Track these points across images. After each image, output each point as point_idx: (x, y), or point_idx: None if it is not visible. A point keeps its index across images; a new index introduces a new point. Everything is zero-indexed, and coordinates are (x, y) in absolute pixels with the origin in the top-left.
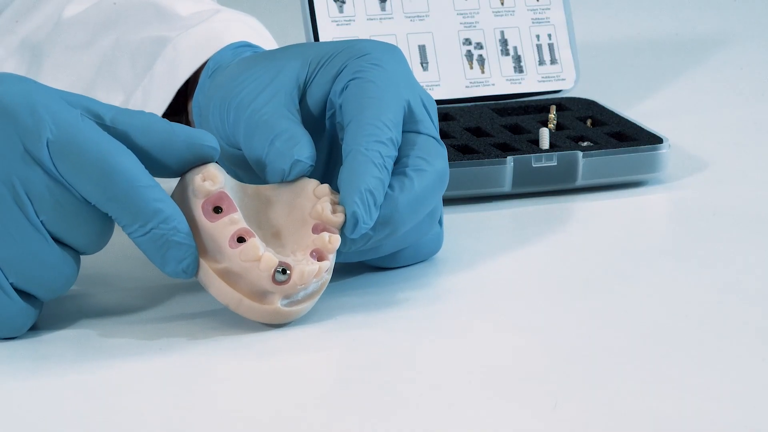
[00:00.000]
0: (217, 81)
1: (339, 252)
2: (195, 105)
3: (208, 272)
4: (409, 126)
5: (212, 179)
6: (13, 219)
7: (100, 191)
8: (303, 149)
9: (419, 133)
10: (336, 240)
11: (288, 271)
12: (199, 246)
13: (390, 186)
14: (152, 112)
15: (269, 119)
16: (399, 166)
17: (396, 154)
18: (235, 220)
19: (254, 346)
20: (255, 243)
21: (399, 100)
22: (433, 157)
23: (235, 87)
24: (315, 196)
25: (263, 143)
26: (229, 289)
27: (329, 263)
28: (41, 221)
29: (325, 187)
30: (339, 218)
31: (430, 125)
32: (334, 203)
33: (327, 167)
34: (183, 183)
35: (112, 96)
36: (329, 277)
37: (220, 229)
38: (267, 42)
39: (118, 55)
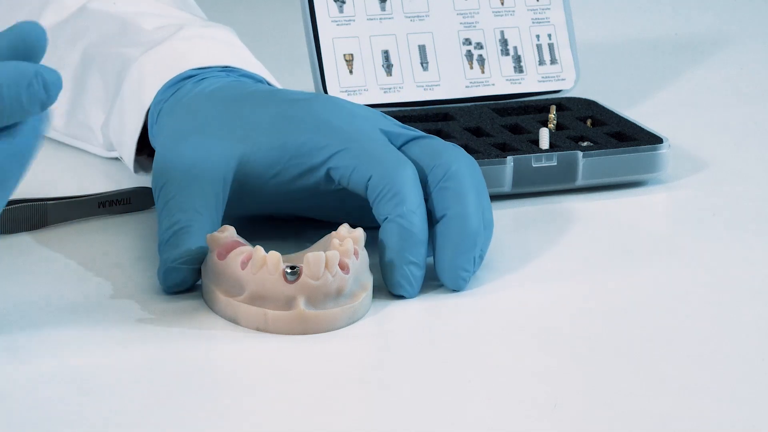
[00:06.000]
0: (157, 149)
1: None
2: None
3: (231, 303)
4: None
5: (221, 230)
6: None
7: None
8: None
9: (419, 138)
10: (348, 242)
11: (296, 268)
12: (222, 287)
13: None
14: None
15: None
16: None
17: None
18: (243, 250)
19: (253, 346)
20: (259, 250)
21: (383, 140)
22: (452, 160)
23: (163, 172)
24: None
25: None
26: (253, 309)
27: (336, 254)
28: None
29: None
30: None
31: (407, 130)
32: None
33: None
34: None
35: (92, 116)
36: (355, 287)
37: (231, 260)
38: (235, 51)
39: (87, 71)
